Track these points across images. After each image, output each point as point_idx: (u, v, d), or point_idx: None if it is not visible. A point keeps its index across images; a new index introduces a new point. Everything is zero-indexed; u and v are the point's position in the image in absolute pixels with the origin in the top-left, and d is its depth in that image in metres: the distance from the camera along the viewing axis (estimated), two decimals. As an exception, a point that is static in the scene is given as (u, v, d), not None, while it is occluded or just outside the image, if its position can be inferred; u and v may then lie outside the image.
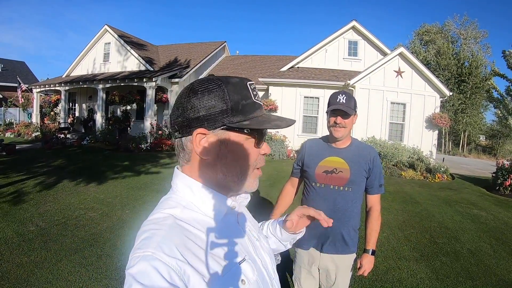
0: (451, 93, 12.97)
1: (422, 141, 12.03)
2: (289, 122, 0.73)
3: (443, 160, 12.35)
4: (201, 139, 0.67)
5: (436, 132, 12.28)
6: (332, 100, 1.78)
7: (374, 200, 1.91)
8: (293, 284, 2.07)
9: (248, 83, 0.70)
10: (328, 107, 1.81)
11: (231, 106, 0.66)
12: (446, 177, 9.98)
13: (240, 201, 0.79)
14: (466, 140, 29.56)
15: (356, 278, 3.21)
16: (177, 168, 0.76)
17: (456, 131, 29.14)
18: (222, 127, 0.67)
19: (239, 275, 0.65)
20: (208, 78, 0.69)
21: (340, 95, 1.76)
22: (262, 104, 0.73)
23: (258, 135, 0.72)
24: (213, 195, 0.70)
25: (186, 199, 0.70)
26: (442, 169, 10.09)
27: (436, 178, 9.69)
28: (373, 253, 1.83)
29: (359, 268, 1.83)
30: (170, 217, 0.64)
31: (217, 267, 0.62)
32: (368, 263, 1.81)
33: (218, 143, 0.68)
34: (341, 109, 1.73)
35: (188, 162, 0.72)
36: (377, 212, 1.89)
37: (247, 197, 0.80)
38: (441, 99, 12.50)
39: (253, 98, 0.70)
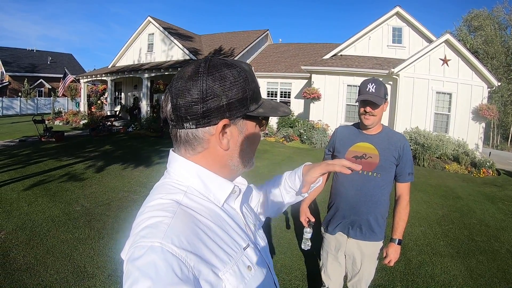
0: (499, 83, 12.07)
1: (468, 133, 11.36)
2: (287, 110, 0.75)
3: (489, 155, 11.61)
4: (225, 131, 0.65)
5: (483, 124, 11.51)
6: (362, 89, 1.79)
7: (403, 188, 1.89)
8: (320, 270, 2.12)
9: (252, 68, 0.71)
10: (358, 95, 1.82)
11: (249, 95, 0.65)
12: (491, 172, 9.36)
13: (241, 187, 0.75)
14: (515, 134, 27.26)
15: (387, 270, 3.19)
16: (174, 152, 0.72)
17: (505, 124, 26.96)
18: (241, 116, 0.66)
19: (246, 262, 0.65)
20: (225, 62, 0.65)
21: (370, 84, 1.76)
22: None
23: (266, 120, 0.73)
24: (221, 181, 0.68)
25: (188, 185, 0.66)
26: (488, 163, 9.49)
27: (481, 173, 9.14)
28: (400, 242, 1.83)
29: (385, 257, 1.84)
30: (174, 203, 0.61)
31: (225, 256, 0.60)
32: (393, 253, 1.81)
33: (238, 133, 0.67)
34: (370, 100, 1.74)
35: (199, 153, 0.67)
36: (405, 201, 1.87)
37: (245, 183, 0.79)
38: (489, 89, 11.69)
39: (259, 84, 0.70)
